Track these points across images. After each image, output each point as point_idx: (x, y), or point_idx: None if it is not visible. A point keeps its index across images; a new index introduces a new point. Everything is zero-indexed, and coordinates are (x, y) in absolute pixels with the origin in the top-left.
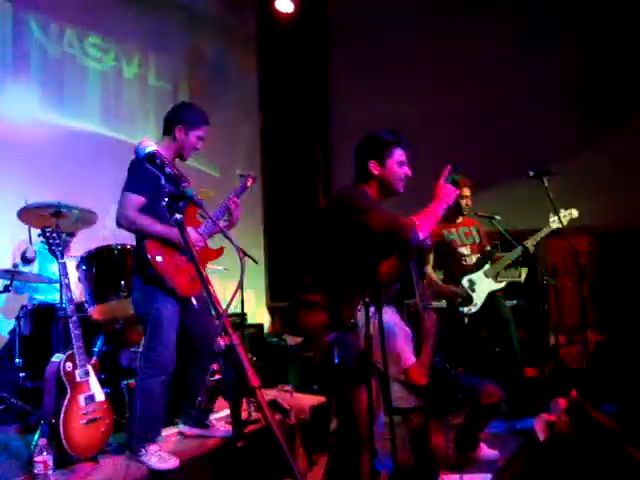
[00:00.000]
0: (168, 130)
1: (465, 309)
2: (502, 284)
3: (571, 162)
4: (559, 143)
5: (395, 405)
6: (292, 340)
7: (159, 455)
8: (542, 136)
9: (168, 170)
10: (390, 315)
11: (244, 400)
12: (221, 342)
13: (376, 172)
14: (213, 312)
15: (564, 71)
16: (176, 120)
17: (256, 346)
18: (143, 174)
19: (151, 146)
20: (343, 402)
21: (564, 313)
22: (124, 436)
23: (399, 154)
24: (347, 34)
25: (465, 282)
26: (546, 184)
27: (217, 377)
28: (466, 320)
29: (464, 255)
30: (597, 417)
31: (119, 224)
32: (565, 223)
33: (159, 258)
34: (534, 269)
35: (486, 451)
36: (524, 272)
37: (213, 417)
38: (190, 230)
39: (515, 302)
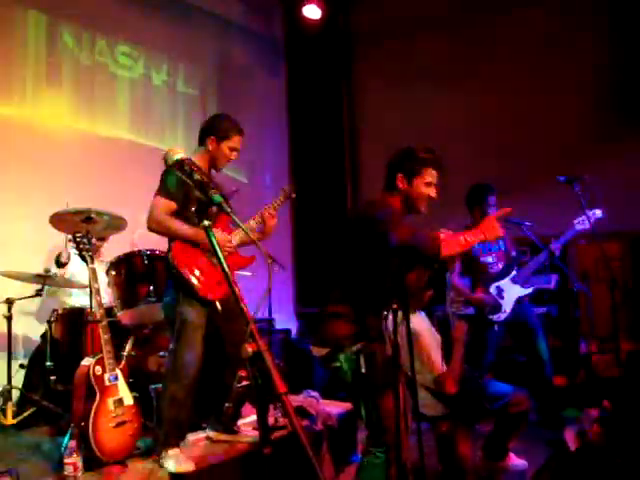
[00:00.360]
0: (202, 141)
1: (494, 317)
2: (530, 289)
3: (603, 166)
4: (590, 148)
5: (423, 412)
6: (317, 352)
7: (176, 458)
8: (573, 141)
9: (196, 177)
10: (421, 322)
11: (271, 406)
12: (249, 348)
13: (402, 186)
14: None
15: (596, 72)
16: (208, 131)
17: (283, 351)
18: (174, 180)
19: (179, 153)
20: (371, 412)
21: (595, 320)
22: (152, 440)
23: (429, 174)
24: (374, 39)
25: (493, 289)
26: (577, 190)
27: (244, 383)
28: (496, 327)
29: (490, 263)
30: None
31: (149, 227)
32: (590, 224)
33: (183, 260)
34: (564, 275)
35: (515, 460)
36: (554, 279)
37: (241, 422)
38: (216, 231)
39: (545, 309)
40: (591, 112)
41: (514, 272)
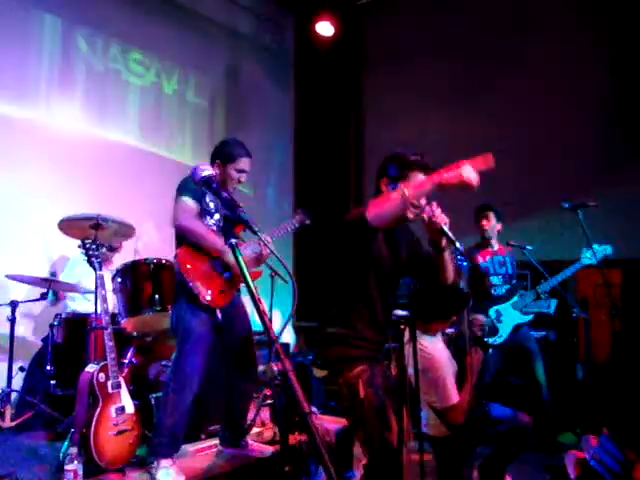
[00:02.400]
0: (211, 165)
1: (490, 340)
2: (529, 317)
3: (605, 193)
4: (593, 174)
5: (425, 432)
6: (318, 373)
7: (167, 470)
8: (576, 166)
9: (224, 195)
10: (441, 350)
11: (269, 420)
12: (274, 367)
13: (385, 191)
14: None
15: (596, 100)
16: (215, 156)
17: None
18: (193, 190)
19: (208, 170)
20: (370, 436)
21: (594, 347)
22: (146, 448)
23: (415, 177)
24: (384, 57)
25: (492, 312)
26: (581, 217)
27: (268, 402)
28: (491, 351)
29: (495, 285)
30: (627, 454)
31: (178, 225)
32: (598, 259)
33: (188, 265)
34: (564, 301)
35: None
36: (554, 304)
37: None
38: (243, 248)
39: (544, 333)
40: (594, 140)
41: (515, 298)
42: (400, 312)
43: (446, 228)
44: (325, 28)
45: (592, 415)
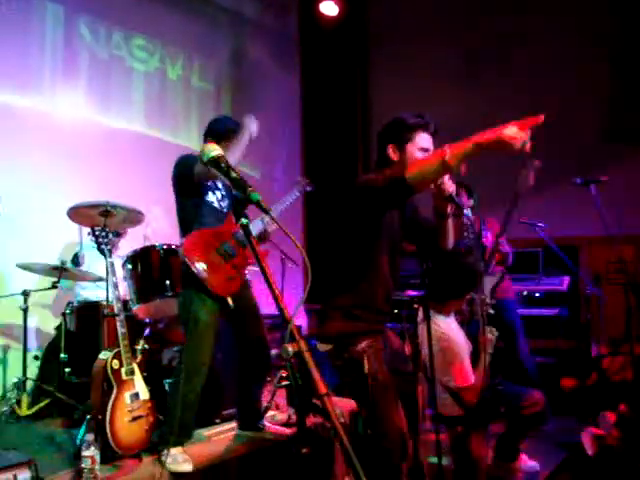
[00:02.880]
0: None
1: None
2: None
3: (618, 169)
4: (606, 149)
5: (440, 412)
6: (322, 348)
7: (176, 457)
8: (589, 142)
9: (234, 175)
10: (457, 330)
11: (285, 402)
12: (289, 348)
13: (394, 157)
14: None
15: (612, 74)
16: (207, 133)
17: None
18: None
19: (216, 150)
20: (374, 413)
21: (607, 323)
22: (158, 435)
23: (422, 139)
24: (389, 36)
25: None
26: (594, 192)
27: (284, 383)
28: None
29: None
30: None
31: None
32: None
33: (194, 256)
34: (576, 278)
35: (527, 462)
36: (566, 281)
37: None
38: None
39: (557, 311)
40: (608, 114)
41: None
42: (414, 292)
43: (454, 195)
44: (329, 8)
45: (607, 391)
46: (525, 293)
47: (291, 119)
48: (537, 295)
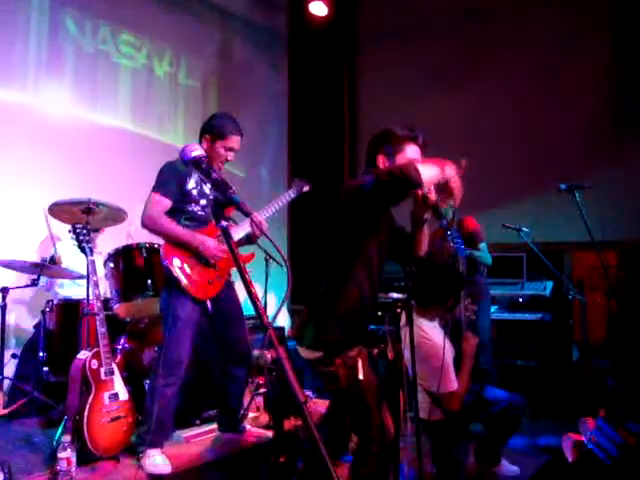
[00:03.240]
0: (199, 140)
1: None
2: None
3: (602, 175)
4: (590, 156)
5: (420, 416)
6: (307, 354)
7: (154, 458)
8: (572, 148)
9: (215, 176)
10: (440, 335)
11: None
12: (267, 355)
13: (383, 167)
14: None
15: (597, 83)
16: (204, 129)
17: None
18: (172, 177)
19: (197, 150)
20: (367, 418)
21: (590, 329)
22: (136, 436)
23: (411, 150)
24: (376, 37)
25: None
26: (578, 198)
27: (262, 390)
28: None
29: None
30: (624, 436)
31: (143, 224)
32: None
33: (175, 261)
34: (560, 283)
35: (507, 467)
36: (549, 286)
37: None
38: (209, 239)
39: (540, 316)
40: (591, 121)
41: None
42: (397, 295)
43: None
44: (318, 8)
45: (588, 397)
46: (508, 298)
47: (278, 118)
48: (520, 300)
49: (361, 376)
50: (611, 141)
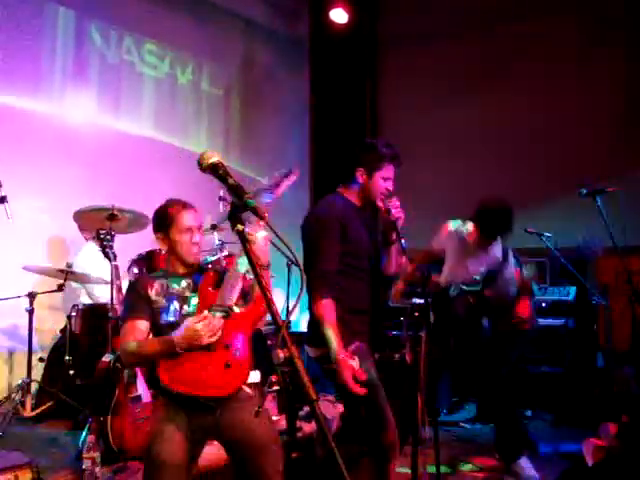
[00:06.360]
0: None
1: None
2: None
3: (624, 178)
4: (611, 160)
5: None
6: (312, 352)
7: None
8: (595, 153)
9: (231, 181)
10: None
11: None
12: (280, 353)
13: (361, 180)
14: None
15: (617, 86)
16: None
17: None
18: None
19: (214, 157)
20: (370, 412)
21: (615, 334)
22: None
23: (388, 170)
24: (399, 45)
25: None
26: (599, 203)
27: (275, 388)
28: None
29: None
30: None
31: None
32: None
33: None
34: (584, 288)
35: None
36: (573, 291)
37: None
38: (195, 319)
39: (563, 321)
40: (612, 125)
41: None
42: (418, 300)
43: (398, 223)
44: (339, 15)
45: (612, 402)
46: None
47: (300, 125)
48: (543, 305)
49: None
50: (633, 145)
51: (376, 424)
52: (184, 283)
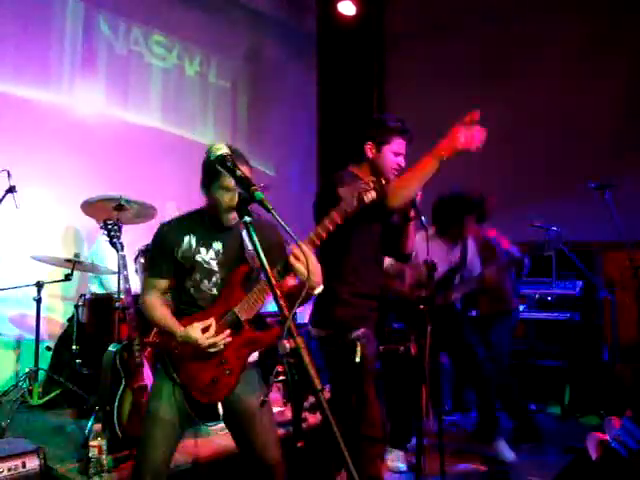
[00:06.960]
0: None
1: None
2: None
3: (632, 174)
4: (620, 155)
5: None
6: (317, 333)
7: None
8: (603, 147)
9: (239, 173)
10: None
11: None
12: (286, 344)
13: (370, 155)
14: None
15: (629, 82)
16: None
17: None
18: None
19: (222, 149)
20: (359, 398)
21: (620, 329)
22: None
23: (398, 143)
24: (407, 37)
25: None
26: (608, 197)
27: (280, 378)
28: None
29: None
30: None
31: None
32: None
33: None
34: (589, 282)
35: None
36: (579, 285)
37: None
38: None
39: (569, 315)
40: (621, 120)
41: None
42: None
43: (417, 200)
44: (347, 7)
45: (616, 397)
46: (537, 297)
47: (307, 116)
48: (549, 299)
49: (357, 359)
50: (637, 141)
51: (362, 415)
52: (216, 246)
